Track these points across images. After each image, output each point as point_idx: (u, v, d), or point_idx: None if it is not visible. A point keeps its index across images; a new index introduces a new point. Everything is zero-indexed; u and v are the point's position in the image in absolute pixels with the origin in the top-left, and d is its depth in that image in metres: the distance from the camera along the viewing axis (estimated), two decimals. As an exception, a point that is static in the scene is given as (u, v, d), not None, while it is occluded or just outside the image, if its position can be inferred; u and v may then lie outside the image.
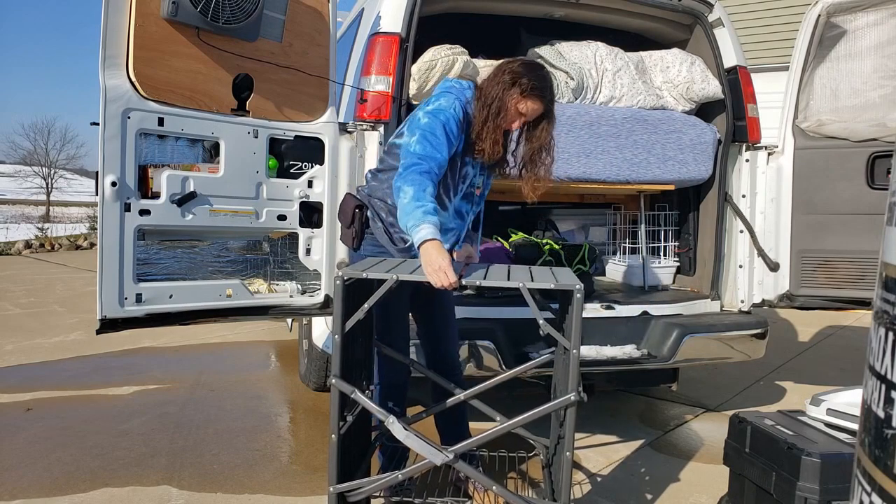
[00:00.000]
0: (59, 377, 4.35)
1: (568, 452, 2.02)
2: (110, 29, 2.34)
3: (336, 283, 2.00)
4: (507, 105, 2.31)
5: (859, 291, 3.41)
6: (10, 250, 12.21)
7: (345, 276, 2.02)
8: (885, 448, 0.95)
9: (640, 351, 3.23)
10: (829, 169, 3.47)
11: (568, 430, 2.02)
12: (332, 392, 2.06)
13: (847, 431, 2.26)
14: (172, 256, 2.74)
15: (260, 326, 5.77)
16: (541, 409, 2.11)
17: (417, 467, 2.14)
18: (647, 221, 4.04)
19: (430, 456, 2.04)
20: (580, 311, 1.97)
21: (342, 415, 2.09)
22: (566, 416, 2.04)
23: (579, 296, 1.95)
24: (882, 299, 1.01)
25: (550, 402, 2.17)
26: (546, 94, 2.35)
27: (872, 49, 3.39)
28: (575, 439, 2.06)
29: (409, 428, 2.08)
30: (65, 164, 39.99)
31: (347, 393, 2.07)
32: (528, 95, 2.31)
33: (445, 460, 2.02)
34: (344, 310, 2.02)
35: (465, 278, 2.05)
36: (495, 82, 2.32)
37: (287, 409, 3.82)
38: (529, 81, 2.30)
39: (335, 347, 2.04)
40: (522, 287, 1.98)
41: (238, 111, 2.64)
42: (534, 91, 2.31)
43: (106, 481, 2.81)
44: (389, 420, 2.07)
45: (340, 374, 2.04)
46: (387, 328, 2.49)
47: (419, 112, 2.34)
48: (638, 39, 3.88)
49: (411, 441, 2.05)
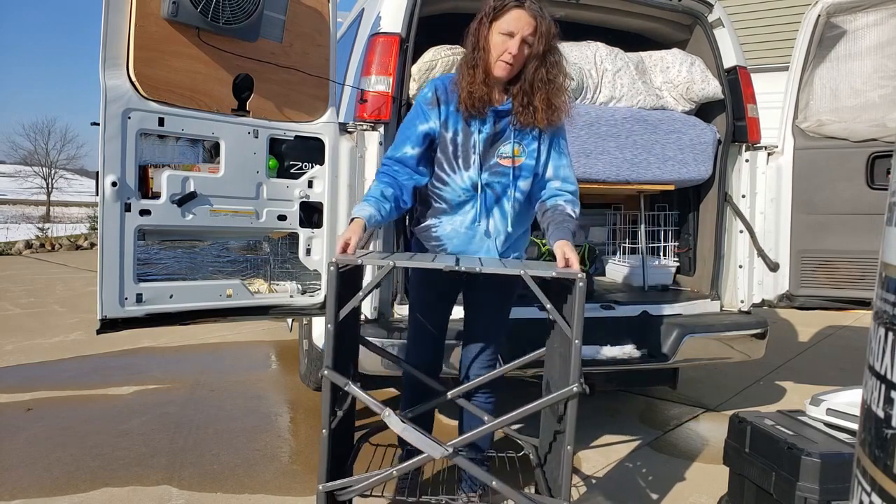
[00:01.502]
0: (59, 377, 4.35)
1: (569, 447, 1.98)
2: (110, 29, 2.34)
3: (330, 269, 1.94)
4: (483, 35, 2.16)
5: (859, 291, 3.41)
6: (10, 250, 12.21)
7: (339, 263, 1.96)
8: (885, 448, 0.96)
9: (640, 351, 3.23)
10: (829, 169, 3.47)
11: (569, 423, 1.98)
12: (323, 384, 2.00)
13: (847, 431, 2.26)
14: (173, 256, 2.74)
15: (260, 326, 5.77)
16: (542, 401, 2.08)
17: (414, 462, 2.07)
18: (647, 221, 4.04)
19: (428, 450, 1.99)
20: (583, 301, 1.92)
21: (333, 409, 2.04)
22: (567, 410, 1.99)
23: (581, 285, 1.91)
24: (882, 299, 1.01)
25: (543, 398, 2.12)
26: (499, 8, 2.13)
27: (872, 49, 3.39)
28: (575, 439, 2.05)
29: (407, 421, 2.02)
30: (65, 165, 40.02)
31: (341, 385, 2.01)
32: (502, 10, 2.13)
33: (444, 454, 1.97)
34: (338, 298, 1.96)
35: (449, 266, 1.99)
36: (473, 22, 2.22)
37: (287, 409, 3.82)
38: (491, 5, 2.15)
39: (328, 336, 1.97)
40: (525, 275, 1.93)
41: (238, 111, 2.64)
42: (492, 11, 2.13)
43: (106, 481, 2.81)
44: (385, 413, 2.00)
45: (333, 364, 1.98)
46: (412, 316, 2.50)
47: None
48: (638, 39, 3.88)
49: (409, 434, 1.99)
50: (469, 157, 2.27)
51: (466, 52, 2.22)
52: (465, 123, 2.26)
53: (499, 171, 2.28)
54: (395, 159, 2.28)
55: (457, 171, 2.29)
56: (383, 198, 2.20)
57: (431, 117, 2.27)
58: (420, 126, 2.27)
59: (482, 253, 2.34)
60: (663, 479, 2.96)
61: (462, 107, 2.22)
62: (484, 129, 2.26)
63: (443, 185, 2.32)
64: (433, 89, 2.29)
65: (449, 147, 2.28)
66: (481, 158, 2.27)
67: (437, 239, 2.36)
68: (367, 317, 2.96)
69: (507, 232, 2.34)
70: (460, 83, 2.21)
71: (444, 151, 2.29)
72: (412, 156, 2.27)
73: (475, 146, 2.26)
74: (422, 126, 2.27)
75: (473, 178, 2.27)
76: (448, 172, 2.30)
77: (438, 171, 2.32)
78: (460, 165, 2.28)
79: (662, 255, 4.07)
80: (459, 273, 2.02)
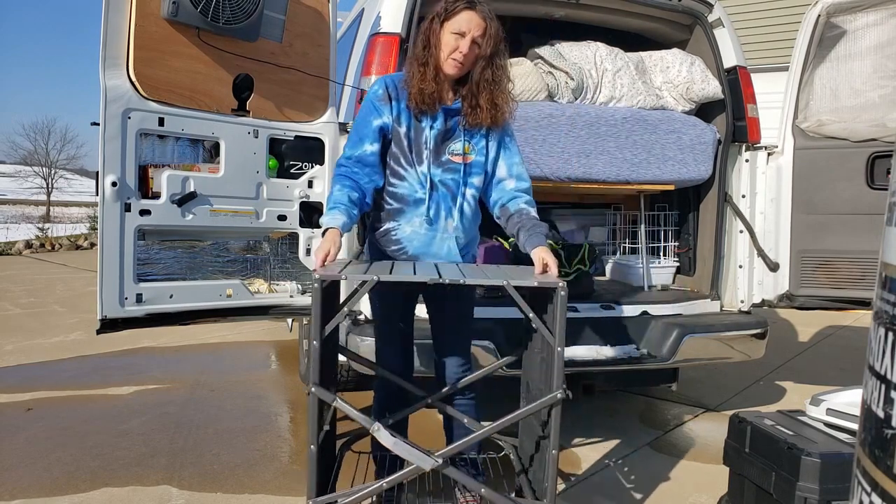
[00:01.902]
0: (59, 377, 4.35)
1: (554, 451, 1.98)
2: (110, 29, 2.34)
3: (314, 285, 1.91)
4: (436, 33, 2.21)
5: (859, 291, 3.41)
6: (10, 250, 12.21)
7: (322, 278, 1.92)
8: (885, 448, 0.95)
9: (640, 351, 3.23)
10: (829, 169, 3.47)
11: (553, 428, 1.99)
12: (310, 401, 1.98)
13: (847, 431, 2.26)
14: (172, 256, 2.74)
15: (260, 326, 5.77)
16: (528, 408, 2.09)
17: (403, 474, 2.05)
18: (647, 221, 4.04)
19: (418, 462, 1.98)
20: (564, 309, 1.94)
21: (321, 423, 2.02)
22: (551, 415, 2.00)
23: (563, 293, 1.93)
24: (882, 299, 1.01)
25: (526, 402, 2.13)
26: (451, 9, 2.18)
27: (872, 49, 3.39)
28: (574, 439, 2.05)
29: (397, 434, 2.01)
30: (65, 165, 40.04)
31: (328, 401, 2.00)
32: (454, 11, 2.18)
33: (434, 465, 1.97)
34: (322, 313, 1.93)
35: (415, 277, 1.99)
36: (425, 22, 2.27)
37: (287, 409, 3.82)
38: (444, 5, 2.20)
39: (312, 353, 1.94)
40: (507, 285, 1.94)
41: (238, 111, 2.64)
42: (443, 11, 2.19)
43: (106, 481, 2.81)
44: (374, 427, 1.99)
45: (319, 380, 1.96)
46: (377, 325, 2.47)
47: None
48: (638, 39, 3.88)
49: (399, 448, 1.98)
50: (422, 152, 2.30)
51: (416, 51, 2.27)
52: (416, 120, 2.30)
53: (451, 167, 2.31)
54: (354, 159, 2.27)
55: (412, 164, 2.30)
56: (350, 203, 2.21)
57: (384, 112, 2.28)
58: (374, 121, 2.28)
59: (444, 254, 2.33)
60: (663, 479, 2.96)
61: (412, 103, 2.26)
62: (435, 125, 2.29)
63: (399, 181, 2.31)
64: (383, 86, 2.31)
65: (403, 141, 2.29)
66: (433, 154, 2.29)
67: (397, 242, 2.34)
68: (366, 317, 2.96)
69: (464, 230, 2.36)
70: (410, 81, 2.25)
71: (398, 145, 2.30)
72: (372, 152, 2.28)
73: (426, 142, 2.29)
74: (376, 121, 2.28)
75: (426, 174, 2.30)
76: (405, 166, 2.31)
77: (395, 165, 2.31)
78: (414, 160, 2.30)
79: (662, 254, 4.07)
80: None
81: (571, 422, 3.44)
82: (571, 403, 2.12)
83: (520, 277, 2.04)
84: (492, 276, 2.05)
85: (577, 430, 3.44)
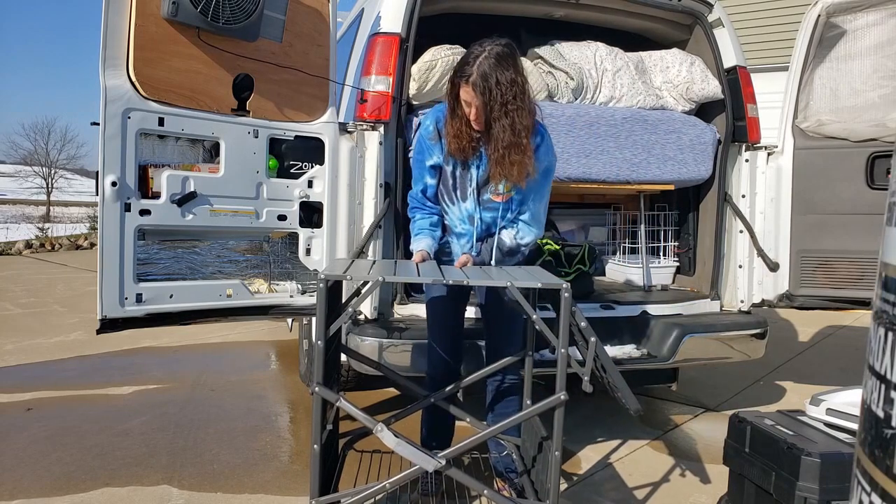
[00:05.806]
0: (59, 377, 4.35)
1: (557, 452, 2.00)
2: (110, 29, 2.34)
3: (319, 285, 1.93)
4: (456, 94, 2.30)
5: (859, 291, 3.41)
6: (10, 250, 12.21)
7: (327, 278, 1.94)
8: (885, 448, 0.95)
9: (640, 351, 3.23)
10: (829, 169, 3.47)
11: (556, 429, 2.00)
12: (314, 400, 1.99)
13: (847, 431, 2.26)
14: (172, 256, 2.74)
15: (260, 326, 5.77)
16: (533, 408, 2.10)
17: (405, 476, 2.06)
18: (647, 221, 4.04)
19: (421, 462, 1.99)
20: (568, 310, 1.96)
21: (324, 423, 2.03)
22: (555, 416, 2.02)
23: (567, 295, 1.95)
24: (882, 299, 1.01)
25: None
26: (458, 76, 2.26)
27: (872, 49, 3.39)
28: (575, 439, 2.05)
29: (400, 435, 2.02)
30: (65, 164, 39.99)
31: (332, 401, 2.01)
32: (458, 82, 2.28)
33: (437, 466, 1.98)
34: (327, 313, 1.94)
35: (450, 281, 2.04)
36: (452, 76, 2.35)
37: (287, 409, 3.82)
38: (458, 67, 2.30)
39: (317, 353, 1.95)
40: (511, 286, 1.96)
41: (238, 111, 2.64)
42: (455, 75, 2.30)
43: (106, 481, 2.81)
44: (377, 428, 2.01)
45: (323, 380, 1.97)
46: (428, 326, 2.63)
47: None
48: (638, 39, 3.88)
49: (402, 449, 2.00)
50: (466, 190, 2.45)
51: (449, 104, 2.36)
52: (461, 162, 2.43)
53: (490, 206, 2.46)
54: (420, 194, 2.50)
55: (455, 202, 2.48)
56: (432, 227, 2.48)
57: (435, 152, 2.45)
58: (428, 161, 2.47)
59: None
60: (663, 479, 2.96)
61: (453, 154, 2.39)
62: (481, 164, 2.41)
63: (444, 213, 2.54)
64: (434, 122, 2.43)
65: (449, 180, 2.47)
66: (475, 193, 2.44)
67: (447, 255, 2.56)
68: (367, 316, 2.96)
69: (501, 261, 2.50)
70: (446, 128, 2.37)
71: (444, 184, 2.49)
72: (432, 185, 2.49)
73: (471, 180, 2.43)
74: (429, 161, 2.47)
75: (470, 211, 2.47)
76: (448, 203, 2.51)
77: (441, 199, 2.53)
78: (458, 197, 2.47)
79: (662, 254, 4.07)
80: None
81: (572, 422, 3.44)
82: (572, 404, 2.13)
83: (524, 279, 2.04)
84: (496, 278, 2.06)
85: (577, 430, 3.44)
